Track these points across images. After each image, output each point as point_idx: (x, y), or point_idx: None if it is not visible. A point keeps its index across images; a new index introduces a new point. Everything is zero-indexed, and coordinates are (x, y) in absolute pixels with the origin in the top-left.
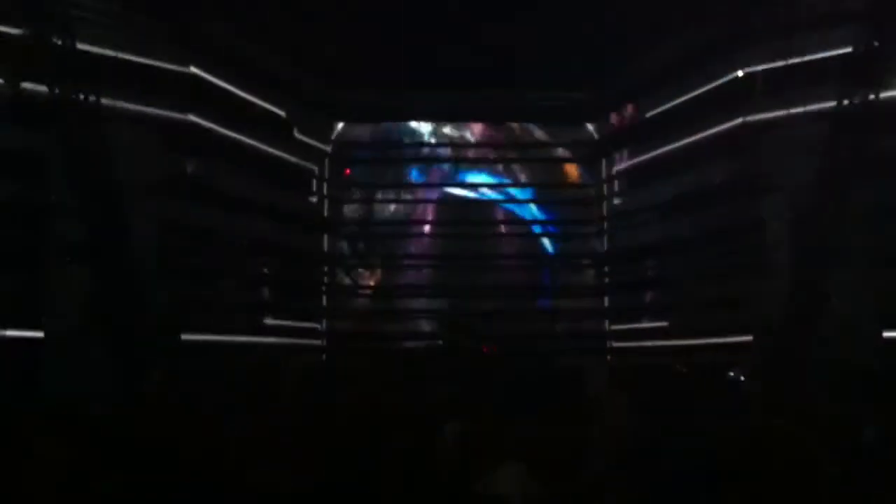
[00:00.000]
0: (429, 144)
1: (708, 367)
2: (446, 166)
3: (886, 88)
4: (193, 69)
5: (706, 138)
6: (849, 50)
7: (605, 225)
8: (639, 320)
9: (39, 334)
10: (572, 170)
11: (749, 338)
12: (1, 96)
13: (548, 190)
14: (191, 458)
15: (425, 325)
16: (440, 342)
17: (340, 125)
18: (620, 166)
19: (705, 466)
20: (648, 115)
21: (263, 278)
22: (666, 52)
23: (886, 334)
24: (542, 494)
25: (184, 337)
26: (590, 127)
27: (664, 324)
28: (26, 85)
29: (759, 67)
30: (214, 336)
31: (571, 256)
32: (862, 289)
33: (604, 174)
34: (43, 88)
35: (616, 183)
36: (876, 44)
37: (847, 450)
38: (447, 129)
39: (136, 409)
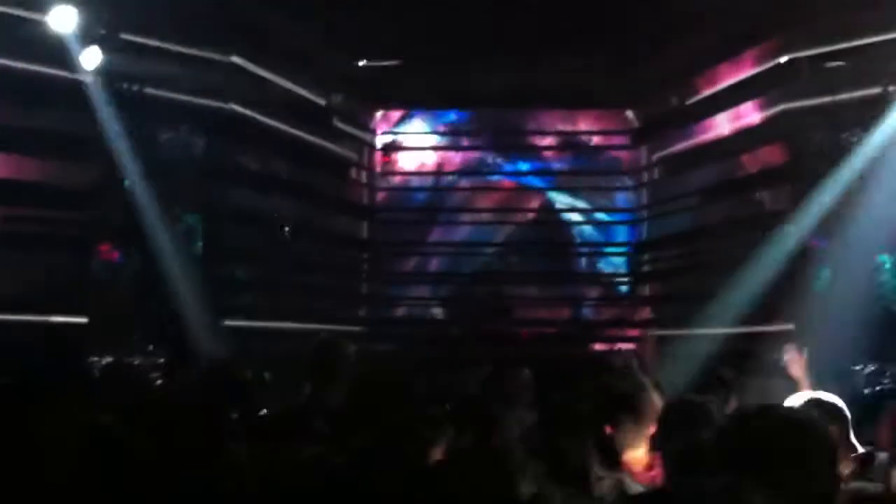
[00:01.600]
0: (467, 132)
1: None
2: (485, 153)
3: None
4: (235, 59)
5: (746, 126)
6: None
7: (646, 212)
8: (678, 307)
9: (83, 320)
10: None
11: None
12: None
13: (588, 177)
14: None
15: (462, 311)
16: (477, 328)
17: (381, 112)
18: (661, 153)
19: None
20: (689, 101)
21: (304, 264)
22: (706, 37)
23: None
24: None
25: (227, 322)
26: (629, 114)
27: (703, 311)
28: (70, 73)
29: (803, 53)
30: (256, 322)
31: (611, 244)
32: None
33: (644, 161)
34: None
35: (656, 170)
36: None
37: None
38: (485, 115)
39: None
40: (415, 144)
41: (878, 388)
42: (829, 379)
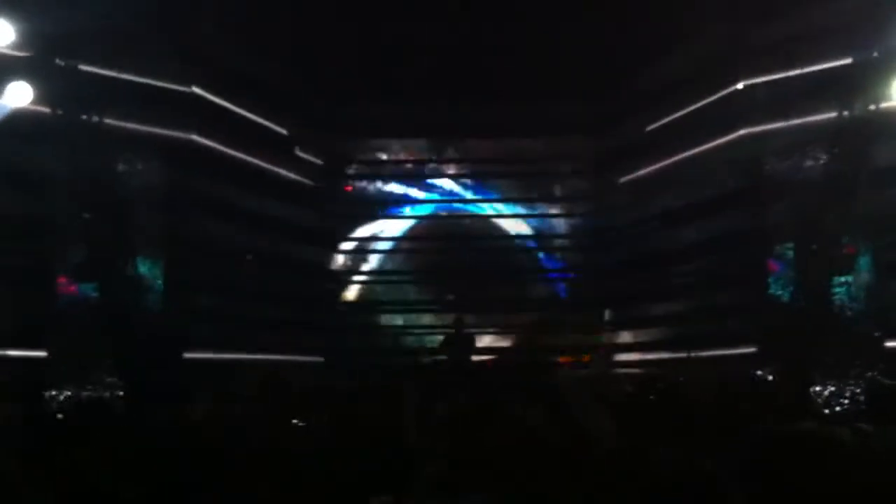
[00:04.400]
0: (426, 160)
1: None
2: (444, 181)
3: (886, 99)
4: (195, 89)
5: (707, 150)
6: (848, 61)
7: (605, 237)
8: (640, 332)
9: (42, 354)
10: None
11: (753, 349)
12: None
13: (545, 204)
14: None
15: (425, 341)
16: (442, 357)
17: (344, 142)
18: (620, 179)
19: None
20: (648, 128)
21: (263, 294)
22: (666, 65)
23: (889, 344)
24: None
25: (186, 355)
26: (589, 140)
27: (667, 335)
28: (30, 104)
29: (760, 79)
30: (216, 353)
31: (570, 269)
32: (864, 299)
33: (603, 187)
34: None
35: (616, 195)
36: (875, 54)
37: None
38: (444, 144)
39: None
40: (378, 174)
41: (837, 408)
42: None
